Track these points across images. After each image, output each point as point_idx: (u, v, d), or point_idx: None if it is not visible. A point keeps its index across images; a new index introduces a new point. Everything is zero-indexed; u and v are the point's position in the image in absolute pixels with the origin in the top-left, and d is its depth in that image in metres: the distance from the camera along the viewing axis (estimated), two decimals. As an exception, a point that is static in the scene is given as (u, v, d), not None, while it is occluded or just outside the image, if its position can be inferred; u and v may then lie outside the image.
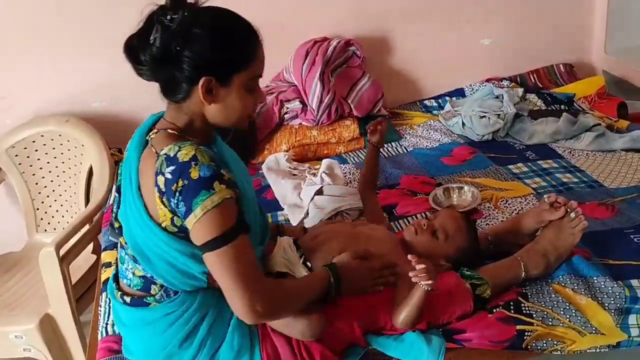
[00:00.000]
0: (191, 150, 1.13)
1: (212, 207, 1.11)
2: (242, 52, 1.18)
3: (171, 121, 1.23)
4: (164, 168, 1.13)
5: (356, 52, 2.54)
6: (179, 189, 1.11)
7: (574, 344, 1.35)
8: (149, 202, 1.19)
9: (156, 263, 1.22)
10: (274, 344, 1.28)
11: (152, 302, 1.27)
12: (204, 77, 1.15)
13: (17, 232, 2.42)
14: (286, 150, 2.35)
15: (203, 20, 1.14)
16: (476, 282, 1.41)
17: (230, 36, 1.16)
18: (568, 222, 1.52)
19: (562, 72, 2.81)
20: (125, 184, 1.24)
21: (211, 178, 1.12)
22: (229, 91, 1.19)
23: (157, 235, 1.18)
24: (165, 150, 1.15)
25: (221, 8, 1.20)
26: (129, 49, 1.17)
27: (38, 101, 2.39)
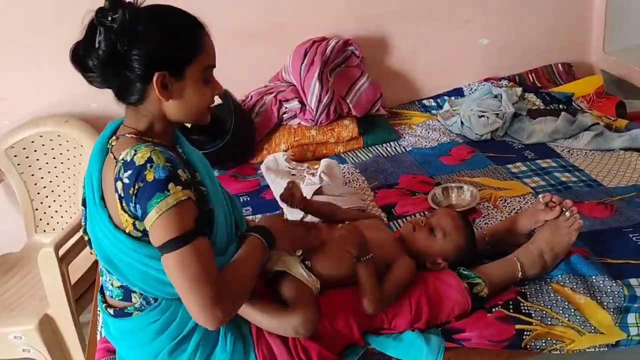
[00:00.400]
0: (147, 152, 1.11)
1: (167, 209, 1.09)
2: (190, 43, 1.17)
3: (131, 126, 1.21)
4: (122, 173, 1.12)
5: (355, 51, 2.54)
6: (135, 192, 1.10)
7: (573, 343, 1.35)
8: (112, 210, 1.17)
9: (128, 272, 1.20)
10: (270, 344, 1.28)
11: (133, 312, 1.25)
12: (157, 72, 1.14)
13: (16, 232, 2.42)
14: (285, 150, 2.35)
15: (145, 17, 1.14)
16: (473, 282, 1.41)
17: (175, 29, 1.16)
18: (564, 222, 1.52)
19: (561, 72, 2.81)
20: (89, 195, 1.22)
21: (166, 180, 1.10)
22: (184, 84, 1.17)
23: (123, 243, 1.17)
24: (123, 154, 1.13)
25: (160, 4, 1.20)
26: (76, 58, 1.15)
27: (37, 102, 2.39)
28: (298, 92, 2.43)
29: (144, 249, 1.16)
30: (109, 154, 1.20)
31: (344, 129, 2.41)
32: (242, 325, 1.29)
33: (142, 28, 1.12)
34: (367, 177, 2.16)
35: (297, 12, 2.53)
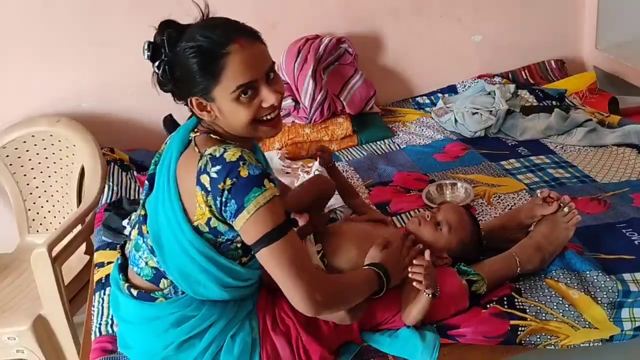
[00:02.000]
0: (237, 151, 1.15)
1: (264, 203, 1.13)
2: (208, 68, 1.15)
3: (208, 127, 1.25)
4: (209, 167, 1.15)
5: (348, 49, 2.54)
6: (228, 187, 1.13)
7: (568, 339, 1.36)
8: (186, 199, 1.19)
9: (171, 260, 1.22)
10: (274, 344, 1.28)
11: (159, 298, 1.27)
12: (189, 97, 1.19)
13: (8, 233, 2.40)
14: (279, 148, 2.34)
15: (178, 46, 1.16)
16: (472, 279, 1.42)
17: (190, 56, 1.15)
18: (561, 217, 1.53)
19: (554, 68, 2.82)
20: (162, 176, 1.24)
21: (261, 176, 1.15)
22: (219, 105, 1.19)
23: (184, 233, 1.19)
24: (210, 150, 1.17)
25: (199, 24, 1.20)
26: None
27: (29, 102, 2.37)
28: (292, 90, 2.43)
29: (201, 244, 1.20)
30: (192, 146, 1.22)
31: (338, 127, 2.40)
32: (252, 331, 1.29)
33: (173, 57, 1.16)
34: (362, 174, 2.16)
35: (289, 10, 2.52)
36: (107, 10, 2.33)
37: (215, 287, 1.23)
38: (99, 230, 1.93)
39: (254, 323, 1.30)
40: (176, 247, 1.21)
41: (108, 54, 2.39)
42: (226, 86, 1.16)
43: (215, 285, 1.23)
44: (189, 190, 1.18)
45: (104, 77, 2.41)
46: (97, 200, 2.15)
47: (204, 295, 1.25)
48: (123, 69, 2.37)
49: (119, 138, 2.45)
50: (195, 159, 1.18)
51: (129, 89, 2.43)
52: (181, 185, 1.21)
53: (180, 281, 1.23)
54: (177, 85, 1.19)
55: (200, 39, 1.15)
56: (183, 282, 1.23)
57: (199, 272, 1.21)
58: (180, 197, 1.20)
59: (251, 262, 1.27)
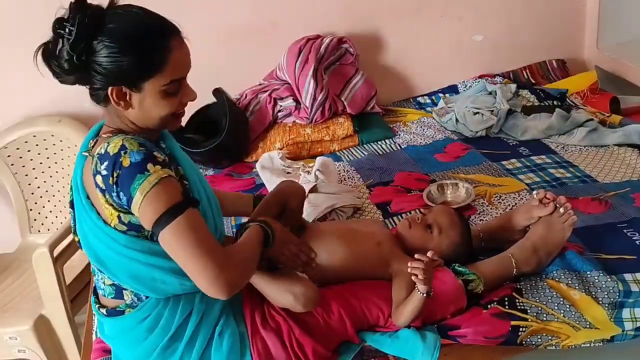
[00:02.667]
0: (119, 141, 1.13)
1: (150, 187, 1.10)
2: (149, 61, 1.13)
3: (111, 125, 1.22)
4: (99, 167, 1.13)
5: (349, 49, 2.54)
6: (115, 180, 1.11)
7: (569, 339, 1.36)
8: (99, 207, 1.18)
9: (117, 270, 1.20)
10: (265, 341, 1.28)
11: (125, 309, 1.26)
12: (111, 86, 1.13)
13: (10, 233, 2.41)
14: (280, 148, 2.35)
15: (106, 28, 1.11)
16: (468, 278, 1.42)
17: (133, 46, 1.12)
18: (558, 218, 1.53)
19: (555, 68, 2.82)
20: (75, 196, 1.23)
21: (143, 161, 1.11)
22: (143, 97, 1.16)
23: (114, 239, 1.17)
24: (97, 149, 1.15)
25: (128, 12, 1.15)
26: (43, 58, 1.15)
27: (30, 102, 2.38)
28: (293, 90, 2.43)
29: (134, 243, 1.17)
30: (89, 154, 1.21)
31: (339, 127, 2.40)
32: (239, 325, 1.29)
33: (100, 41, 1.10)
34: (363, 174, 2.16)
35: (291, 10, 2.53)
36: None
37: (172, 277, 1.20)
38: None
39: (238, 316, 1.29)
40: (115, 256, 1.19)
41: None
42: (160, 79, 1.15)
43: (171, 276, 1.19)
44: (96, 200, 1.17)
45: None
46: (98, 200, 2.15)
47: (166, 292, 1.22)
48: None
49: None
50: (90, 163, 1.17)
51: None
52: (91, 197, 1.19)
53: (136, 286, 1.22)
54: (94, 73, 1.12)
55: (141, 30, 1.13)
56: (140, 286, 1.21)
57: (149, 270, 1.19)
58: (95, 208, 1.18)
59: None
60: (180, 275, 1.19)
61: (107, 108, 1.21)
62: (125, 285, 1.22)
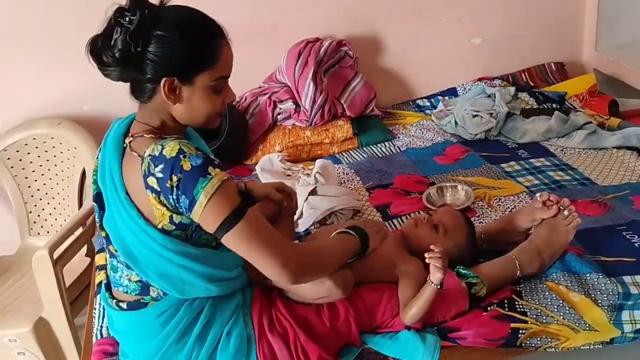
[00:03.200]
0: (175, 145, 1.14)
1: (214, 190, 1.12)
2: (203, 54, 1.17)
3: (144, 122, 1.23)
4: (152, 168, 1.14)
5: (348, 52, 2.55)
6: (175, 183, 1.12)
7: (568, 341, 1.36)
8: (141, 206, 1.19)
9: (149, 268, 1.21)
10: (271, 345, 1.28)
11: (149, 302, 1.27)
12: (165, 77, 1.15)
13: (10, 235, 2.40)
14: (280, 150, 2.35)
15: (163, 21, 1.14)
16: (472, 281, 1.42)
17: (192, 37, 1.15)
18: (561, 220, 1.53)
19: (554, 71, 2.82)
20: (110, 192, 1.22)
21: (204, 164, 1.13)
22: (193, 91, 1.19)
23: (152, 238, 1.19)
24: (148, 151, 1.16)
25: (185, 8, 1.20)
26: (93, 50, 1.16)
27: (30, 104, 2.38)
28: (292, 93, 2.43)
29: (171, 243, 1.19)
30: (129, 152, 1.20)
31: (338, 130, 2.41)
32: (247, 327, 1.29)
33: (158, 32, 1.13)
34: (362, 177, 2.16)
35: (290, 13, 2.53)
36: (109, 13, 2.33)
37: (201, 282, 1.22)
38: (99, 233, 1.93)
39: (247, 318, 1.30)
40: (150, 254, 1.20)
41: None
42: (210, 74, 1.18)
43: (200, 280, 1.22)
44: (141, 196, 1.17)
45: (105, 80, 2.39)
46: (98, 202, 2.15)
47: (190, 294, 1.24)
48: (124, 71, 2.38)
49: (120, 140, 2.45)
50: (137, 163, 1.17)
51: (130, 91, 2.43)
52: (133, 194, 1.19)
53: (164, 286, 1.23)
54: (148, 63, 1.14)
55: (197, 23, 1.18)
56: (168, 286, 1.23)
57: (180, 271, 1.21)
58: (136, 206, 1.19)
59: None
60: (208, 281, 1.23)
61: (147, 104, 1.21)
62: (153, 282, 1.24)
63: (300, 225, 1.84)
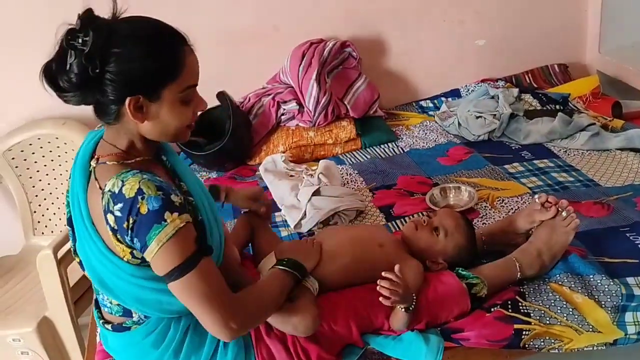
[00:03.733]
0: (135, 183, 1.08)
1: (167, 239, 1.07)
2: (166, 66, 1.10)
3: (111, 142, 1.17)
4: (112, 206, 1.08)
5: (352, 53, 2.55)
6: (131, 225, 1.07)
7: (571, 342, 1.36)
8: (105, 238, 1.14)
9: (123, 295, 1.19)
10: (269, 348, 1.28)
11: (132, 326, 1.25)
12: (129, 97, 1.08)
13: (14, 235, 2.42)
14: (283, 151, 2.35)
15: (119, 37, 1.07)
16: (472, 282, 1.42)
17: (152, 50, 1.09)
18: (560, 222, 1.53)
19: (557, 72, 2.82)
20: (77, 218, 1.18)
21: (161, 209, 1.07)
22: (160, 106, 1.12)
23: (120, 268, 1.15)
24: (109, 185, 1.10)
25: (139, 20, 1.13)
26: (48, 77, 1.09)
27: (34, 104, 2.39)
28: (296, 93, 2.44)
29: (142, 271, 1.15)
30: (93, 180, 1.15)
31: (341, 130, 2.41)
32: (244, 336, 1.28)
33: (115, 50, 1.06)
34: (365, 178, 2.17)
35: (293, 14, 2.54)
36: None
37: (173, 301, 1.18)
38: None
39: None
40: (121, 283, 1.16)
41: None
42: (177, 85, 1.11)
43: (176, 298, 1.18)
44: (104, 230, 1.13)
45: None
46: (102, 202, 2.16)
47: (173, 312, 1.22)
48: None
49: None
50: (99, 196, 1.12)
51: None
52: (97, 225, 1.15)
53: (142, 309, 1.21)
54: (109, 83, 1.07)
55: (156, 35, 1.11)
56: (146, 309, 1.21)
57: (154, 294, 1.17)
58: (102, 238, 1.14)
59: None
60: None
61: (114, 126, 1.15)
62: (131, 307, 1.22)
63: (304, 225, 1.85)
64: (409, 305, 1.30)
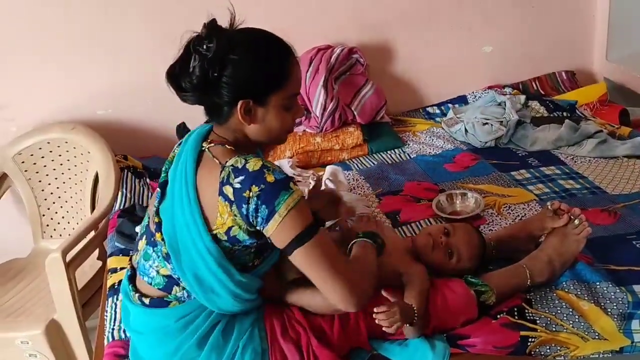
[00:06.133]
0: (259, 161, 1.19)
1: (294, 205, 1.16)
2: (277, 74, 1.22)
3: (221, 136, 1.28)
4: (232, 178, 1.18)
5: (359, 59, 2.56)
6: (256, 194, 1.16)
7: (577, 350, 1.36)
8: (207, 208, 1.22)
9: (188, 267, 1.23)
10: (284, 352, 1.29)
11: (172, 301, 1.29)
12: (241, 100, 1.20)
13: (23, 238, 2.43)
14: (290, 156, 2.36)
15: (238, 46, 1.19)
16: (480, 289, 1.42)
17: (265, 59, 1.21)
18: (572, 229, 1.53)
19: (564, 79, 2.82)
20: (178, 184, 1.25)
21: (286, 179, 1.18)
22: (267, 110, 1.24)
23: (202, 239, 1.21)
24: (231, 162, 1.20)
25: (255, 30, 1.25)
26: (171, 77, 1.21)
27: (43, 109, 2.41)
28: (303, 99, 2.45)
29: (217, 252, 1.21)
30: (210, 157, 1.24)
31: (348, 136, 2.42)
32: (261, 341, 1.30)
33: (233, 57, 1.18)
34: (372, 183, 2.17)
35: (301, 21, 2.55)
36: (122, 18, 2.37)
37: (228, 296, 1.24)
38: (112, 237, 1.96)
39: (263, 333, 1.31)
40: (193, 252, 1.22)
41: (123, 61, 2.42)
42: (283, 93, 1.23)
43: (227, 295, 1.24)
44: (211, 200, 1.21)
45: (118, 84, 2.45)
46: (110, 206, 2.17)
47: (215, 304, 1.26)
48: (137, 77, 2.41)
49: (132, 145, 2.48)
50: (216, 169, 1.21)
51: (143, 96, 2.46)
52: (202, 195, 1.22)
53: (195, 287, 1.25)
54: (225, 87, 1.19)
55: (270, 45, 1.23)
56: (198, 289, 1.24)
57: (213, 280, 1.23)
58: (201, 206, 1.22)
59: (259, 267, 1.30)
60: (234, 297, 1.25)
61: (223, 125, 1.27)
62: (185, 281, 1.25)
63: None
64: (411, 319, 1.30)
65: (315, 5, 2.54)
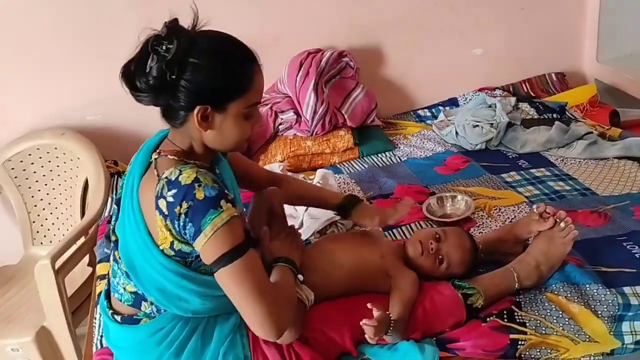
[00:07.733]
0: (192, 173, 1.15)
1: (221, 224, 1.12)
2: (239, 82, 1.18)
3: (174, 142, 1.25)
4: (165, 192, 1.14)
5: (350, 63, 2.56)
6: (184, 210, 1.13)
7: (568, 352, 1.36)
8: (150, 222, 1.19)
9: (148, 282, 1.22)
10: (265, 355, 1.29)
11: (142, 318, 1.27)
12: (199, 105, 1.16)
13: (13, 245, 2.42)
14: (281, 160, 2.36)
15: (199, 49, 1.14)
16: (468, 292, 1.42)
17: (226, 65, 1.16)
18: (558, 232, 1.53)
19: (554, 81, 2.83)
20: (126, 200, 1.24)
21: (217, 197, 1.14)
22: (225, 118, 1.19)
23: (154, 256, 1.19)
24: (166, 173, 1.16)
25: (219, 35, 1.20)
26: (126, 75, 1.17)
27: (33, 115, 2.40)
28: (293, 103, 2.44)
29: (171, 264, 1.19)
30: (152, 169, 1.22)
31: (339, 140, 2.42)
32: (243, 348, 1.29)
33: (193, 60, 1.13)
34: (363, 187, 2.17)
35: (291, 24, 2.55)
36: (114, 24, 2.36)
37: (196, 298, 1.23)
38: (101, 243, 1.95)
39: (245, 340, 1.30)
40: (149, 269, 1.21)
41: (113, 67, 2.37)
42: (243, 101, 1.19)
43: (196, 297, 1.22)
44: (151, 214, 1.18)
45: (108, 90, 2.41)
46: (100, 212, 2.17)
47: (187, 310, 1.24)
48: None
49: (122, 151, 2.47)
50: (154, 182, 1.18)
51: (133, 102, 2.43)
52: (144, 210, 1.20)
53: (161, 300, 1.23)
54: (182, 90, 1.14)
55: (233, 52, 1.19)
56: (164, 300, 1.23)
57: (177, 289, 1.21)
58: (145, 222, 1.20)
59: None
60: (204, 297, 1.23)
61: (178, 130, 1.23)
62: (150, 296, 1.24)
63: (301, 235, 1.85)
64: (386, 329, 1.30)
65: (306, 9, 2.54)
